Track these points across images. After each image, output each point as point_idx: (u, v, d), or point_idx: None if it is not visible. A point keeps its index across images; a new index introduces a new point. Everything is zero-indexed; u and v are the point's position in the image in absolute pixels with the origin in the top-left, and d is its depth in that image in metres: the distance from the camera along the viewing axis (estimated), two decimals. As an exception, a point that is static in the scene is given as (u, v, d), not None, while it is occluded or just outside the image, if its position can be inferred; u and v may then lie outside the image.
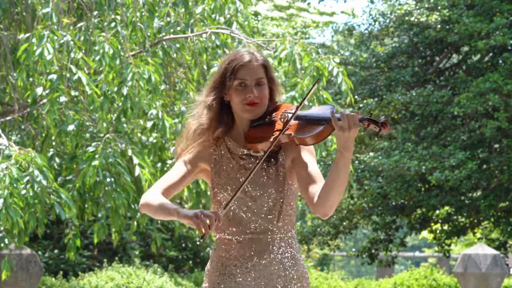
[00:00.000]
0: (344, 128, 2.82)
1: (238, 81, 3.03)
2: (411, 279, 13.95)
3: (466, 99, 13.67)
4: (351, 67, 15.91)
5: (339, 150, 2.86)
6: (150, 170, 6.47)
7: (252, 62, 3.05)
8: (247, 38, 7.13)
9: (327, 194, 2.89)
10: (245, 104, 3.02)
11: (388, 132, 2.85)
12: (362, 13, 16.47)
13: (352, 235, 29.65)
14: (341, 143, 2.85)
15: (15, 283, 8.30)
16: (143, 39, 7.03)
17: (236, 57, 3.06)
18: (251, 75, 3.03)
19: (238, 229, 3.00)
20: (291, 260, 3.02)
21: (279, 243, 3.01)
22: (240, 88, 3.03)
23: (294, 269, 3.01)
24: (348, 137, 2.83)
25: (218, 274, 3.02)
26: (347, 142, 2.84)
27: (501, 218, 15.39)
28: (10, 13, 7.31)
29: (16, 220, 5.74)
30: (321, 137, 2.92)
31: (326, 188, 2.90)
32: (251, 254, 2.99)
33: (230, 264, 3.00)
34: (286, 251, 3.02)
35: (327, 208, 2.91)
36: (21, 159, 5.96)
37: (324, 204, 2.90)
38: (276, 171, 3.02)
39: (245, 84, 3.02)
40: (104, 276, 11.77)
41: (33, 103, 6.57)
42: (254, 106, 3.02)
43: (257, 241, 2.99)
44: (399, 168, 13.88)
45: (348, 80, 6.86)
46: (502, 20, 13.82)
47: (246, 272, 2.99)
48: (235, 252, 3.00)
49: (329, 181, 2.89)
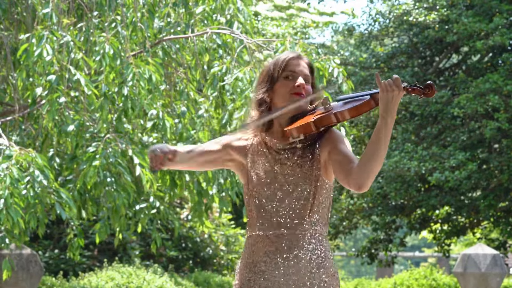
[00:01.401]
0: (387, 89, 2.82)
1: (286, 72, 3.06)
2: (411, 279, 13.97)
3: (466, 99, 13.67)
4: (351, 67, 15.92)
5: (381, 114, 2.85)
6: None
7: (300, 59, 3.10)
8: (248, 38, 7.14)
9: (366, 162, 2.85)
10: (292, 94, 3.04)
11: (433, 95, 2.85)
12: (362, 13, 16.49)
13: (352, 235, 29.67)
14: (383, 105, 2.83)
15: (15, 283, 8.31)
16: (143, 40, 7.03)
17: (283, 54, 3.10)
18: (300, 69, 3.07)
19: (268, 225, 2.99)
20: (321, 258, 2.99)
21: (310, 240, 2.98)
22: (288, 80, 3.05)
23: (324, 267, 2.98)
24: (392, 97, 2.82)
25: (248, 270, 3.01)
26: (390, 104, 2.83)
27: (500, 218, 15.40)
28: (10, 13, 7.31)
29: (16, 220, 5.75)
30: (361, 110, 2.91)
31: (365, 156, 2.86)
32: (280, 250, 2.97)
33: (260, 260, 2.99)
34: (316, 248, 2.99)
35: (364, 178, 2.85)
36: (22, 159, 5.96)
37: (361, 173, 2.86)
38: (311, 165, 3.01)
39: (293, 76, 3.05)
40: (104, 276, 11.77)
41: (33, 103, 6.58)
42: (302, 96, 3.03)
43: (287, 236, 2.97)
44: (399, 169, 13.89)
45: (349, 80, 6.87)
46: (502, 20, 13.83)
47: (276, 268, 2.97)
48: (265, 248, 2.99)
49: (369, 148, 2.86)
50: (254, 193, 3.04)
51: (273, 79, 3.07)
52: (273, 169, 3.02)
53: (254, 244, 3.03)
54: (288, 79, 3.05)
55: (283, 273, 2.96)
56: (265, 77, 3.10)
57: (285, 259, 2.96)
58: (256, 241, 3.02)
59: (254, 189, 3.04)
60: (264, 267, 2.98)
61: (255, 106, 3.09)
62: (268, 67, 3.10)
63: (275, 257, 2.97)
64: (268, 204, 3.01)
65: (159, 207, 7.50)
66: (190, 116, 7.08)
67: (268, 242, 2.99)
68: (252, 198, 3.04)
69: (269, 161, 3.04)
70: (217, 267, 16.02)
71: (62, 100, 6.26)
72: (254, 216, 3.04)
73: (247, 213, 3.09)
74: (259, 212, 3.02)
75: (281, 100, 3.04)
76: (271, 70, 3.08)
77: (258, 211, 3.02)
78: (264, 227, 3.00)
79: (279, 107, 3.05)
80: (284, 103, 3.03)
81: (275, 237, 2.98)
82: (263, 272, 2.98)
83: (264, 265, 2.98)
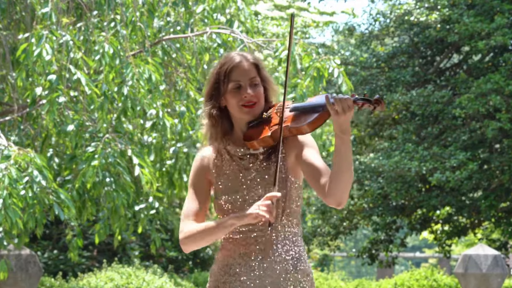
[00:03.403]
0: (339, 112, 2.80)
1: (232, 83, 3.02)
2: (412, 280, 13.93)
3: (467, 100, 13.64)
4: (352, 67, 15.89)
5: (337, 135, 2.85)
6: (150, 170, 6.45)
7: (243, 62, 3.04)
8: (247, 38, 7.11)
9: (336, 182, 2.87)
10: (242, 105, 3.01)
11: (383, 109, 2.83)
12: (363, 13, 16.46)
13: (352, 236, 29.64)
14: (338, 127, 2.83)
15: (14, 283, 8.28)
16: (143, 39, 7.00)
17: (226, 61, 3.05)
18: (244, 75, 3.02)
19: (242, 228, 3.00)
20: (296, 258, 3.00)
21: (283, 241, 3.00)
22: (235, 90, 3.01)
23: (299, 268, 3.00)
24: (344, 120, 2.81)
25: (223, 273, 3.02)
26: (344, 125, 2.82)
27: (501, 219, 15.37)
28: (9, 13, 7.28)
29: (15, 221, 5.72)
30: (317, 123, 2.91)
31: (334, 176, 2.88)
32: (255, 253, 2.98)
33: (235, 263, 3.00)
34: (291, 249, 3.00)
35: (339, 196, 2.89)
36: (20, 160, 5.93)
37: (335, 193, 2.88)
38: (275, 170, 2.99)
39: (240, 85, 3.02)
40: (104, 277, 11.75)
41: (33, 103, 6.55)
42: (252, 107, 3.02)
43: (260, 239, 2.98)
44: (399, 169, 13.86)
45: (349, 81, 6.83)
46: (503, 20, 13.80)
47: (251, 270, 2.98)
48: (240, 251, 3.00)
49: (335, 168, 2.87)
50: (223, 201, 3.03)
51: (219, 90, 3.04)
52: (239, 175, 3.02)
53: (227, 246, 3.04)
54: (235, 88, 3.02)
55: (258, 275, 2.97)
56: (211, 88, 3.06)
57: (259, 261, 2.97)
58: (230, 244, 3.03)
59: (222, 198, 3.03)
60: (239, 270, 2.99)
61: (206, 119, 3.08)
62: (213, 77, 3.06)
63: (249, 259, 2.98)
64: (240, 208, 2.99)
65: (158, 207, 7.47)
66: (190, 116, 7.05)
67: (242, 245, 3.00)
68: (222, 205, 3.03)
69: (234, 168, 3.04)
70: (217, 267, 15.99)
71: (62, 100, 6.23)
72: None
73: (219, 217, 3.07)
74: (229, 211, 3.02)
75: (234, 111, 3.03)
76: (217, 81, 3.04)
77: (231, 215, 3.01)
78: (237, 231, 3.01)
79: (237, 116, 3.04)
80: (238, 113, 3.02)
81: (249, 240, 2.99)
82: (238, 275, 2.99)
83: (239, 268, 2.99)
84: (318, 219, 16.62)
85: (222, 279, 3.02)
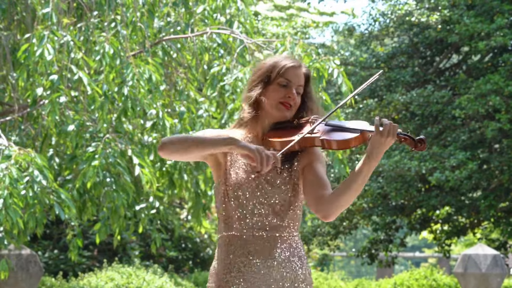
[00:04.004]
0: (383, 134, 2.86)
1: (283, 79, 3.08)
2: (411, 279, 13.95)
3: (467, 100, 13.66)
4: (351, 67, 15.91)
5: (367, 156, 2.89)
6: (150, 170, 6.46)
7: (300, 68, 3.12)
8: (247, 38, 7.13)
9: (339, 194, 2.92)
10: (280, 102, 3.07)
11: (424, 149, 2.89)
12: (362, 13, 16.48)
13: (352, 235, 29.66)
14: (374, 147, 2.88)
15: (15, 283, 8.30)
16: (143, 39, 7.02)
17: (285, 59, 3.12)
18: (296, 78, 3.10)
19: (246, 226, 3.01)
20: (299, 260, 3.03)
21: (287, 241, 3.03)
22: (282, 87, 3.07)
23: (301, 269, 3.03)
24: (383, 143, 2.86)
25: (226, 271, 3.01)
26: (379, 148, 2.87)
27: (501, 218, 15.38)
28: (10, 13, 7.30)
29: (16, 221, 5.73)
30: (349, 144, 2.94)
31: (339, 190, 2.92)
32: (259, 252, 2.99)
33: (238, 261, 3.00)
34: (294, 251, 3.03)
35: (332, 210, 2.93)
36: (21, 159, 5.94)
37: (331, 205, 2.93)
38: (289, 173, 3.05)
39: (288, 85, 3.08)
40: (104, 277, 11.76)
41: (33, 103, 6.56)
42: (287, 108, 3.08)
43: (265, 238, 3.00)
44: (399, 168, 13.88)
45: (348, 81, 6.85)
46: (503, 20, 13.82)
47: (255, 269, 2.99)
48: (243, 249, 3.01)
49: (346, 184, 2.91)
50: (231, 192, 3.04)
51: (268, 81, 3.09)
52: (251, 173, 3.04)
53: (230, 244, 3.03)
54: (282, 85, 3.08)
55: (262, 274, 2.98)
56: (262, 75, 3.11)
57: (263, 260, 2.99)
58: (232, 242, 3.03)
59: (231, 189, 3.04)
60: (243, 268, 2.99)
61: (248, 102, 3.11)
62: (267, 67, 3.11)
63: (253, 258, 2.99)
64: (247, 205, 3.02)
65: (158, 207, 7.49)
66: (190, 116, 7.06)
67: (246, 243, 3.01)
68: (229, 197, 3.05)
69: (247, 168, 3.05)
70: (217, 267, 16.00)
71: (63, 100, 6.25)
72: (232, 216, 3.04)
73: (220, 211, 3.08)
74: (237, 213, 3.03)
75: (269, 105, 3.07)
76: (269, 72, 3.09)
77: (236, 211, 3.03)
78: (241, 228, 3.02)
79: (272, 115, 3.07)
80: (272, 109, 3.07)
81: (253, 239, 3.01)
82: (242, 273, 2.99)
83: (243, 266, 3.00)
84: (318, 219, 16.64)
85: (225, 278, 3.02)
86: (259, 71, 3.13)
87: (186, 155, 2.99)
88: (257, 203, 3.01)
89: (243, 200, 3.02)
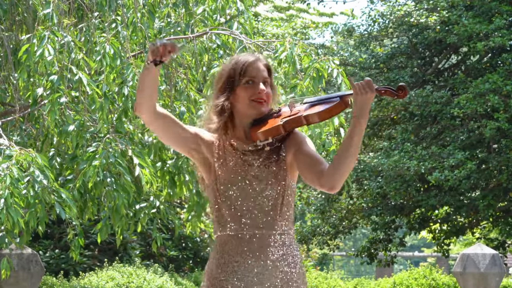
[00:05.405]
0: (362, 91, 2.90)
1: (246, 78, 3.09)
2: (410, 279, 13.98)
3: (465, 100, 13.70)
4: (351, 67, 15.95)
5: (354, 116, 2.92)
6: (150, 170, 6.49)
7: (259, 62, 3.13)
8: (247, 39, 7.16)
9: (339, 164, 2.93)
10: (253, 100, 3.08)
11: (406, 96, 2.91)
12: (362, 14, 16.51)
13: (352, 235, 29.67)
14: (357, 107, 2.91)
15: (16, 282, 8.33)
16: (143, 40, 7.05)
17: (242, 58, 3.13)
18: (259, 73, 3.10)
19: (239, 225, 3.03)
20: (292, 258, 3.04)
21: (280, 239, 3.03)
22: (248, 85, 3.09)
23: (295, 268, 3.04)
24: (364, 100, 2.89)
25: (220, 271, 3.03)
26: (364, 106, 2.90)
27: (499, 218, 15.42)
28: (11, 14, 7.33)
29: (16, 220, 5.76)
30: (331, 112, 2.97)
31: (338, 158, 2.93)
32: (252, 250, 3.01)
33: (232, 260, 3.02)
34: (288, 249, 3.04)
35: (336, 180, 2.94)
36: (22, 159, 5.97)
37: (334, 174, 2.93)
38: (278, 166, 3.06)
39: (254, 82, 3.09)
40: (105, 276, 11.80)
41: (34, 103, 6.60)
42: (261, 104, 3.09)
43: (258, 237, 3.02)
44: (398, 168, 13.91)
45: (348, 81, 6.88)
46: (501, 21, 13.85)
47: (249, 268, 3.00)
48: (237, 248, 3.02)
49: (341, 151, 2.93)
50: (222, 192, 3.06)
51: (233, 85, 3.10)
52: (241, 170, 3.06)
53: (225, 244, 3.05)
54: (248, 84, 3.09)
55: (256, 273, 3.00)
56: (225, 82, 3.12)
57: (257, 259, 3.00)
58: (227, 241, 3.05)
59: (222, 188, 3.06)
60: (237, 268, 3.01)
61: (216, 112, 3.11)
62: (227, 72, 3.12)
63: (247, 257, 3.01)
64: (238, 204, 3.04)
65: (159, 206, 7.52)
66: (190, 116, 7.09)
67: (240, 242, 3.02)
68: (220, 196, 3.07)
69: (237, 162, 3.08)
70: (217, 267, 16.01)
71: (63, 100, 6.28)
72: (224, 215, 3.06)
73: (214, 211, 3.10)
74: (229, 212, 3.05)
75: (242, 106, 3.09)
76: (231, 76, 3.10)
77: (229, 210, 3.05)
78: (235, 227, 3.04)
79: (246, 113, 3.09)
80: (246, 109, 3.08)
81: (246, 237, 3.02)
82: (236, 272, 3.01)
83: (236, 265, 3.01)
84: (317, 219, 16.67)
85: (219, 277, 3.03)
86: (220, 80, 3.13)
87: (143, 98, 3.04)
88: (247, 201, 3.03)
89: (234, 199, 3.04)
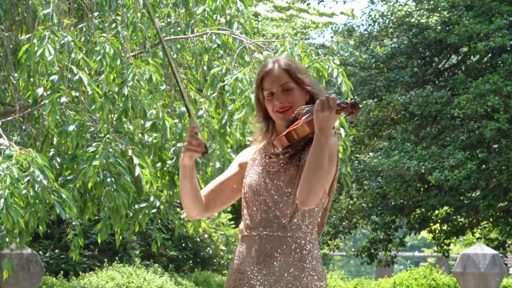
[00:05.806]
0: (317, 109, 2.88)
1: (266, 91, 3.11)
2: (410, 279, 13.99)
3: (466, 100, 13.70)
4: (351, 67, 15.95)
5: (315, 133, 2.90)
6: (150, 170, 6.50)
7: (274, 70, 3.11)
8: (247, 39, 7.16)
9: (304, 179, 2.93)
10: (276, 111, 3.09)
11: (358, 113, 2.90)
12: (362, 14, 16.52)
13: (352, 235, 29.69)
14: (315, 124, 2.90)
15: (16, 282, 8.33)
16: (143, 40, 7.06)
17: (260, 69, 3.15)
18: (275, 82, 3.10)
19: (253, 225, 3.06)
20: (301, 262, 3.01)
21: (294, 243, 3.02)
22: (269, 98, 3.11)
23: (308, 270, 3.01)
24: (322, 118, 2.87)
25: (234, 270, 3.08)
26: (321, 123, 2.87)
27: (500, 218, 15.43)
28: (11, 14, 7.33)
29: (16, 220, 5.77)
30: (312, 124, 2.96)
31: (304, 174, 2.93)
32: (264, 252, 3.01)
33: (245, 261, 3.05)
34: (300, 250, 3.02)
35: (302, 195, 2.92)
36: (22, 159, 5.98)
37: (301, 190, 2.93)
38: (296, 170, 3.06)
39: (272, 93, 3.10)
40: (105, 276, 11.80)
41: (34, 103, 6.60)
42: (284, 113, 3.08)
43: (271, 237, 3.02)
44: (398, 168, 13.91)
45: (348, 81, 6.89)
46: (502, 21, 13.86)
47: (258, 270, 3.01)
48: (249, 250, 3.04)
49: (305, 167, 2.93)
50: (244, 193, 3.13)
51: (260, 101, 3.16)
52: (262, 173, 3.09)
53: (241, 245, 3.10)
54: (269, 96, 3.11)
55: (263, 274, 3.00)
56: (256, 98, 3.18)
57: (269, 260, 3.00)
58: (243, 242, 3.09)
59: (244, 190, 3.13)
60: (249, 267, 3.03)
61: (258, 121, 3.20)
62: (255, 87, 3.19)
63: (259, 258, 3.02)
64: (254, 206, 3.07)
65: (159, 206, 7.52)
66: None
67: (252, 243, 3.04)
68: (244, 199, 3.13)
69: (261, 165, 3.12)
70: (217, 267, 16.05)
71: (64, 100, 6.28)
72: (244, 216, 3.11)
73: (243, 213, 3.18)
74: (247, 213, 3.09)
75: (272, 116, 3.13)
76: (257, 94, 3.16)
77: (247, 212, 3.09)
78: (250, 228, 3.07)
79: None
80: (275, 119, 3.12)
81: (259, 239, 3.03)
82: (245, 273, 3.03)
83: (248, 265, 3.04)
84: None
85: (233, 276, 3.07)
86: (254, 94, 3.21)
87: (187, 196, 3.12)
88: (263, 204, 3.05)
89: (251, 202, 3.08)
